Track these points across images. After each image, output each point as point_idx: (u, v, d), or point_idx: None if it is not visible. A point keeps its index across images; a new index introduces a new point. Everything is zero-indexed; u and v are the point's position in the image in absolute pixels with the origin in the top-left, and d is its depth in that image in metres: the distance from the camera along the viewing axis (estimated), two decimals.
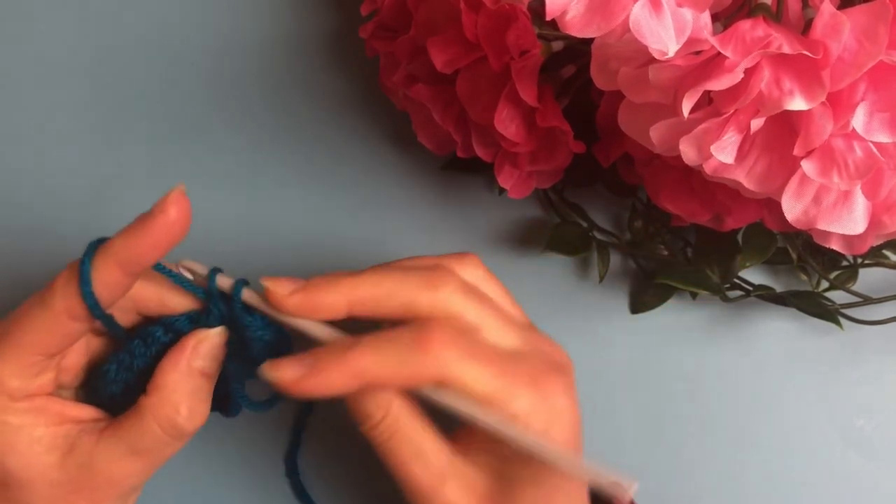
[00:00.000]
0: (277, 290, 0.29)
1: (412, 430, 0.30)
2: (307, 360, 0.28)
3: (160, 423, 0.30)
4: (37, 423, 0.29)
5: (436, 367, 0.28)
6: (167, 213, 0.28)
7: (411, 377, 0.28)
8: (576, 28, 0.28)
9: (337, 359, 0.28)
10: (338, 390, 0.28)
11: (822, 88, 0.27)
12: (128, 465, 0.30)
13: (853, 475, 0.40)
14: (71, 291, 0.28)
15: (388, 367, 0.28)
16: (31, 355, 0.29)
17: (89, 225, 0.43)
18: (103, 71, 0.45)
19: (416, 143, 0.40)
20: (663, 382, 0.41)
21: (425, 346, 0.28)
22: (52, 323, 0.29)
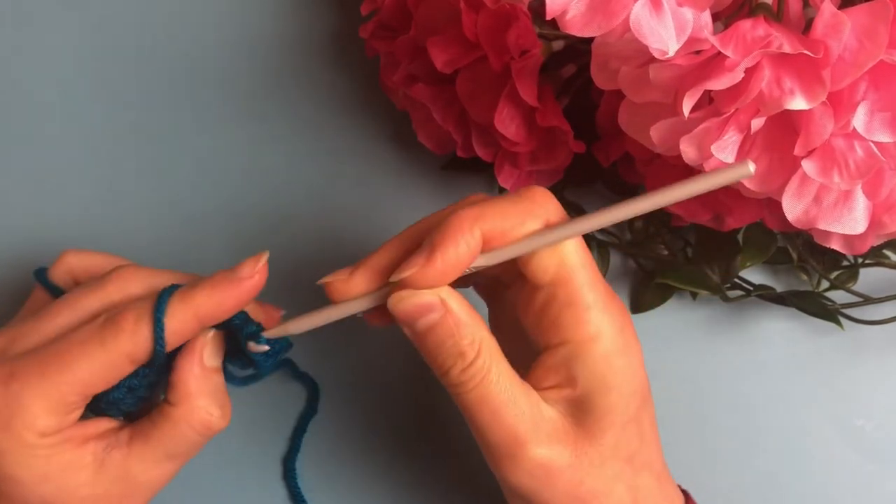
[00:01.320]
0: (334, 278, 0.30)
1: (503, 374, 0.28)
2: (422, 249, 0.28)
3: (195, 428, 0.30)
4: (65, 450, 0.29)
5: (541, 210, 0.29)
6: (254, 279, 0.30)
7: (523, 214, 0.28)
8: (576, 27, 0.28)
9: (454, 217, 0.28)
10: (465, 257, 0.28)
11: (822, 88, 0.27)
12: (164, 469, 0.31)
13: (853, 475, 0.40)
14: (141, 335, 0.29)
15: (500, 209, 0.28)
16: (75, 394, 0.29)
17: (90, 223, 0.43)
18: (104, 70, 0.45)
19: (416, 143, 0.40)
20: (663, 382, 0.41)
21: (530, 196, 0.29)
22: (109, 364, 0.29)
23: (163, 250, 0.42)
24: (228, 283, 0.30)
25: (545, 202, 0.29)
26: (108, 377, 0.29)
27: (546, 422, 0.29)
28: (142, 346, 0.29)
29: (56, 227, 0.43)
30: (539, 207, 0.29)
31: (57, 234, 0.43)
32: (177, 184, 0.43)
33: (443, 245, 0.28)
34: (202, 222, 0.43)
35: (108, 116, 0.44)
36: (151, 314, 0.29)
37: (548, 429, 0.29)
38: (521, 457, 0.28)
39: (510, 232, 0.28)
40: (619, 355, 0.29)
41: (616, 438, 0.29)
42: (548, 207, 0.29)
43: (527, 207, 0.29)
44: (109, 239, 0.42)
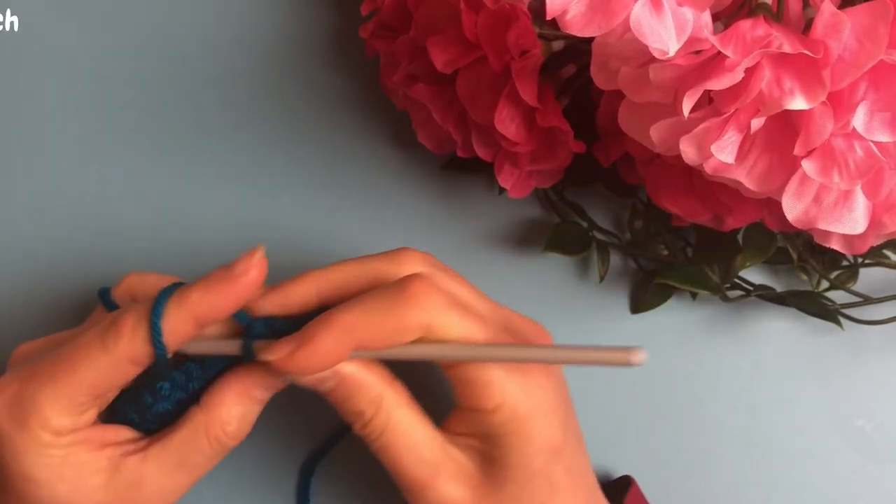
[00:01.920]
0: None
1: (405, 422, 0.30)
2: (295, 335, 0.29)
3: (211, 442, 0.30)
4: (81, 451, 0.30)
5: (421, 315, 0.28)
6: (249, 275, 0.29)
7: (398, 329, 0.28)
8: (576, 27, 0.28)
9: (323, 323, 0.28)
10: (331, 356, 0.28)
11: (822, 88, 0.27)
12: (177, 478, 0.31)
13: (853, 475, 0.40)
14: (139, 338, 0.29)
15: (374, 321, 0.28)
16: (82, 395, 0.29)
17: (91, 224, 0.43)
18: (104, 70, 0.45)
19: (416, 143, 0.40)
20: (663, 382, 0.41)
21: (409, 295, 0.28)
22: (112, 367, 0.29)
23: (161, 252, 0.42)
24: (223, 281, 0.29)
25: (426, 303, 0.28)
26: (114, 379, 0.30)
27: (451, 463, 0.30)
28: (141, 348, 0.29)
29: (56, 227, 0.43)
30: (420, 313, 0.28)
31: (57, 234, 0.43)
32: (175, 184, 0.43)
33: (309, 346, 0.28)
34: (200, 223, 0.43)
35: (106, 117, 0.44)
36: (147, 318, 0.29)
37: (451, 470, 0.30)
38: (424, 496, 0.30)
39: (385, 342, 0.29)
40: (522, 421, 0.29)
41: (518, 490, 0.30)
42: (429, 309, 0.28)
43: (403, 319, 0.28)
44: (105, 240, 0.43)
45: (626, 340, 0.42)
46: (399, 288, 0.29)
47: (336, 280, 0.30)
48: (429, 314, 0.28)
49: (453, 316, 0.29)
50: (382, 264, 0.31)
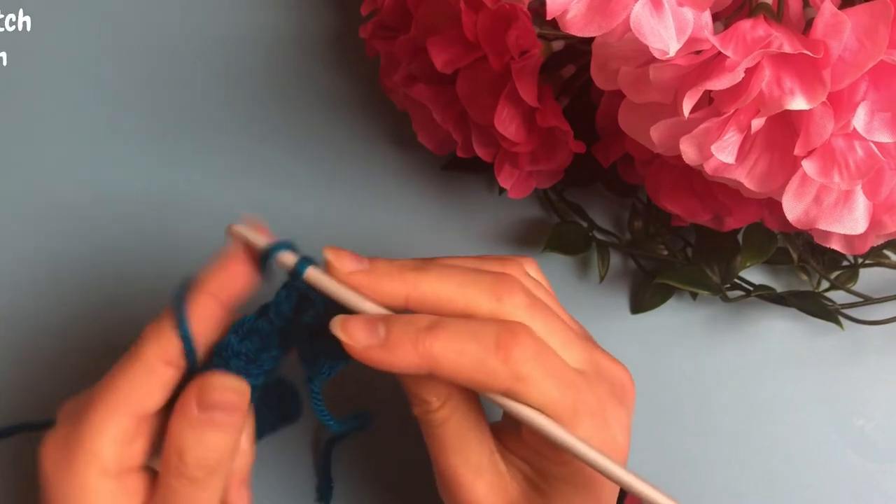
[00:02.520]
0: (339, 265, 0.28)
1: (465, 422, 0.29)
2: (381, 330, 0.27)
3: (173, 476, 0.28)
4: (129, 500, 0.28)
5: (511, 376, 0.27)
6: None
7: (484, 380, 0.27)
8: (576, 27, 0.28)
9: (413, 339, 0.27)
10: (405, 370, 0.27)
11: (822, 88, 0.27)
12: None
13: (853, 475, 0.40)
14: (163, 334, 0.28)
15: (463, 364, 0.27)
16: (125, 417, 0.28)
17: (92, 223, 0.43)
18: (105, 70, 0.45)
19: (416, 143, 0.40)
20: (663, 382, 0.41)
21: (507, 352, 0.27)
22: (147, 372, 0.28)
23: (163, 249, 0.42)
24: (234, 256, 0.29)
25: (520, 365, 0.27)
26: (152, 386, 0.28)
27: (495, 474, 0.30)
28: (168, 344, 0.28)
29: (55, 227, 0.43)
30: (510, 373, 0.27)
31: (56, 234, 0.43)
32: (175, 184, 0.43)
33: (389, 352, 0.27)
34: (200, 222, 0.43)
35: (108, 117, 0.44)
36: (171, 313, 0.28)
37: (493, 480, 0.30)
38: (456, 493, 0.30)
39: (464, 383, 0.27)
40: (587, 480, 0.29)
41: None
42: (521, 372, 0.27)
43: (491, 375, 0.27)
44: (108, 238, 0.42)
45: (626, 340, 0.42)
46: (500, 339, 0.27)
47: (430, 293, 0.28)
48: (518, 378, 0.27)
49: (542, 386, 0.27)
50: (482, 296, 0.28)
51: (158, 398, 0.29)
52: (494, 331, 0.27)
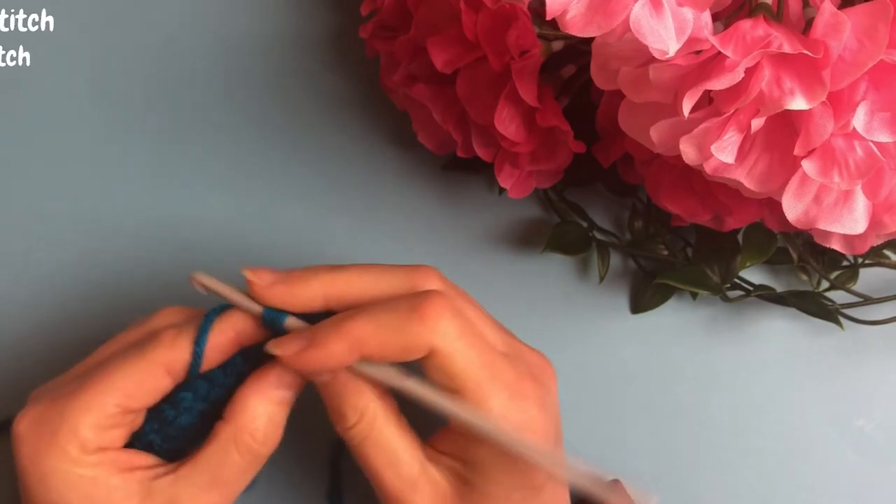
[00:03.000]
0: (258, 280, 0.30)
1: (387, 435, 0.30)
2: (306, 334, 0.29)
3: (240, 452, 0.30)
4: (110, 473, 0.29)
5: (430, 337, 0.28)
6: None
7: (406, 346, 0.28)
8: (576, 27, 0.28)
9: (335, 328, 0.28)
10: (337, 361, 0.28)
11: (822, 88, 0.27)
12: (210, 497, 0.30)
13: (853, 475, 0.40)
14: (179, 347, 0.29)
15: (384, 335, 0.28)
16: (114, 405, 0.29)
17: (92, 223, 0.43)
18: (105, 70, 0.45)
19: (416, 143, 0.40)
20: (663, 382, 0.41)
21: (422, 314, 0.28)
22: (147, 373, 0.29)
23: (161, 250, 0.42)
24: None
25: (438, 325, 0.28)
26: (147, 388, 0.29)
27: (428, 483, 0.30)
28: (179, 356, 0.29)
29: (55, 227, 0.43)
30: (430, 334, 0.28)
31: (56, 233, 0.43)
32: (175, 185, 0.43)
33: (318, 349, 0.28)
34: (200, 222, 0.43)
35: (107, 117, 0.44)
36: (193, 329, 0.29)
37: (428, 490, 0.30)
38: None
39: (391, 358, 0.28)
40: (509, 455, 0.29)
41: None
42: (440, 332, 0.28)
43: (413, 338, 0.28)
44: (105, 239, 0.43)
45: (626, 340, 0.42)
46: (413, 305, 0.28)
47: (348, 289, 0.30)
48: (438, 337, 0.28)
49: (461, 343, 0.28)
50: (399, 283, 0.30)
51: (147, 399, 0.30)
52: (408, 299, 0.28)
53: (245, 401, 0.30)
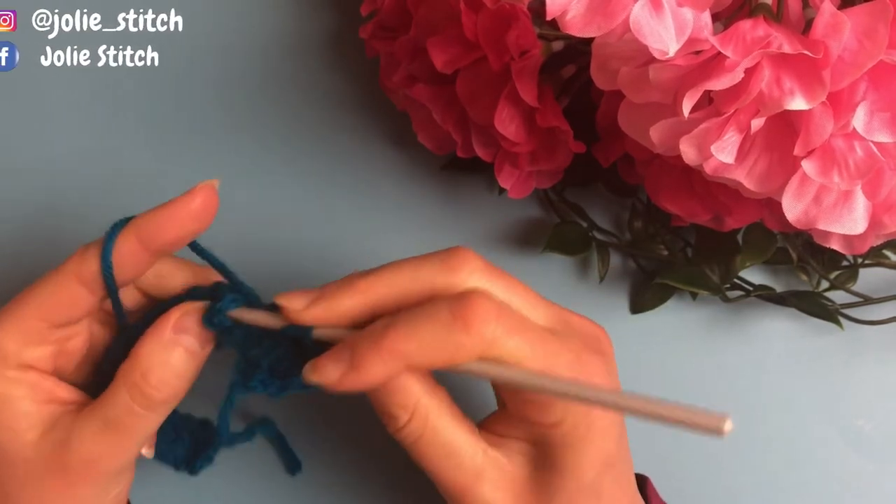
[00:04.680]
0: (292, 305, 0.28)
1: (442, 428, 0.28)
2: (345, 355, 0.27)
3: (130, 392, 0.29)
4: (25, 397, 0.29)
5: (478, 344, 0.26)
6: (192, 199, 0.29)
7: (453, 356, 0.26)
8: (576, 28, 0.28)
9: (375, 347, 0.27)
10: (382, 381, 0.27)
11: (822, 88, 0.27)
12: (101, 440, 0.29)
13: (853, 475, 0.40)
14: (87, 255, 0.29)
15: (428, 348, 0.26)
16: (32, 319, 0.29)
17: (91, 226, 0.43)
18: (105, 70, 0.45)
19: (416, 143, 0.40)
20: (663, 382, 0.41)
21: (466, 322, 0.26)
22: (60, 286, 0.29)
23: None
24: (171, 204, 0.29)
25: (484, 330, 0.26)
26: (63, 300, 0.29)
27: (494, 469, 0.29)
28: (87, 265, 0.29)
29: (55, 226, 0.43)
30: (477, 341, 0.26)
31: (56, 234, 0.43)
32: (174, 184, 0.43)
33: (360, 372, 0.27)
34: None
35: (106, 117, 0.44)
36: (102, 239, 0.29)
37: (494, 475, 0.29)
38: (463, 500, 0.29)
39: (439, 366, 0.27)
40: (582, 435, 0.28)
41: (566, 500, 0.29)
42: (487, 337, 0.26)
43: (459, 348, 0.26)
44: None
45: (626, 340, 0.42)
46: (455, 311, 0.26)
47: (386, 292, 0.28)
48: (486, 341, 0.26)
49: (512, 340, 0.27)
50: (436, 272, 0.28)
51: (67, 312, 0.29)
52: (447, 305, 0.27)
53: (140, 343, 0.29)
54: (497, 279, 0.29)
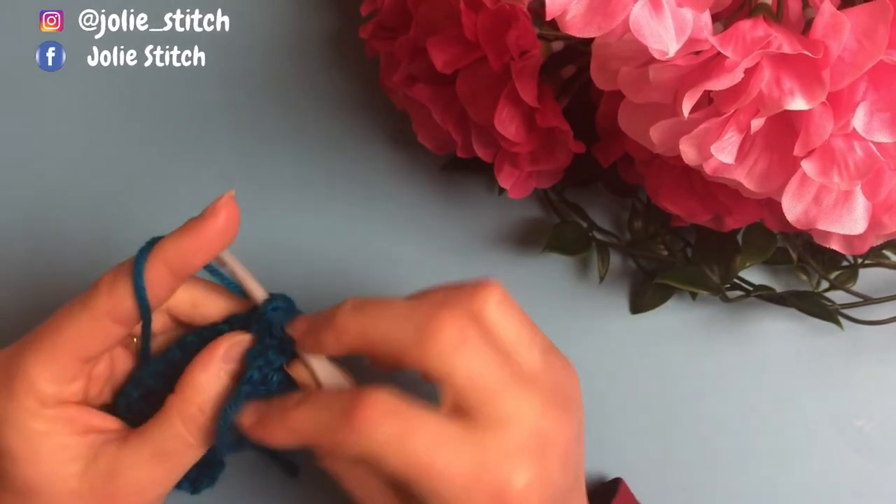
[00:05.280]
0: (293, 333, 0.30)
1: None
2: (262, 409, 0.29)
3: (185, 423, 0.29)
4: (63, 432, 0.29)
5: (358, 444, 0.26)
6: (217, 218, 0.29)
7: (338, 447, 0.27)
8: (576, 28, 0.28)
9: (280, 414, 0.28)
10: (281, 444, 0.28)
11: (822, 88, 0.27)
12: (152, 470, 0.29)
13: (853, 475, 0.40)
14: (118, 291, 0.28)
15: (318, 433, 0.27)
16: (67, 359, 0.29)
17: (96, 227, 0.43)
18: (106, 70, 0.45)
19: (416, 143, 0.40)
20: (663, 382, 0.41)
21: (352, 420, 0.26)
22: (93, 324, 0.29)
23: None
24: (194, 226, 0.29)
25: (366, 431, 0.26)
26: (96, 339, 0.29)
27: None
28: (120, 302, 0.28)
29: (56, 227, 0.43)
30: (357, 438, 0.26)
31: (66, 237, 0.43)
32: (174, 185, 0.43)
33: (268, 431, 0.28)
34: None
35: (105, 117, 0.44)
36: (129, 269, 0.28)
37: None
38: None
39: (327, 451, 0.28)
40: None
41: None
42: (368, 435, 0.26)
43: (340, 441, 0.27)
44: (105, 240, 0.42)
45: (626, 340, 0.42)
46: (349, 407, 0.26)
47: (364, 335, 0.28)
48: (364, 446, 0.26)
49: (390, 453, 0.26)
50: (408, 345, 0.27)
51: (100, 348, 0.29)
52: (347, 398, 0.27)
53: (192, 372, 0.30)
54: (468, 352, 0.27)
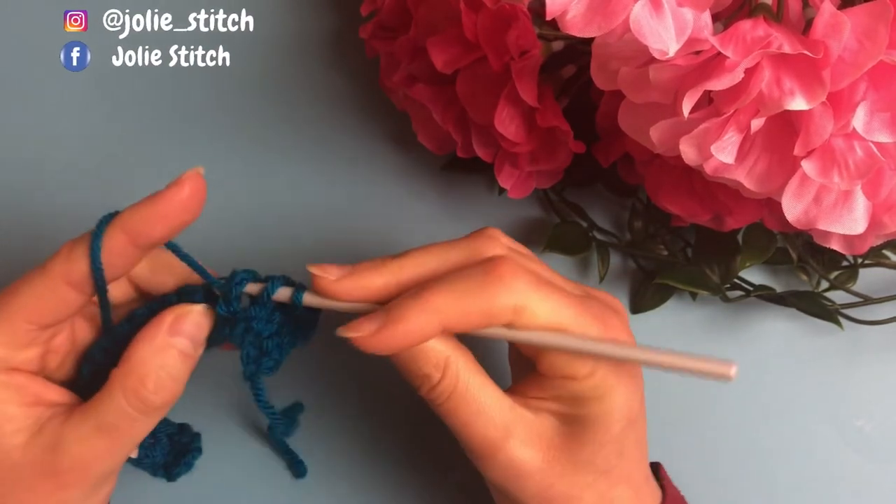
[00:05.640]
0: (324, 275, 0.29)
1: (471, 385, 0.29)
2: (381, 314, 0.28)
3: (126, 395, 0.29)
4: (10, 400, 0.29)
5: (511, 297, 0.28)
6: (181, 189, 0.28)
7: (488, 312, 0.27)
8: (576, 28, 0.28)
9: (414, 302, 0.27)
10: (419, 337, 0.28)
11: (822, 88, 0.27)
12: (95, 444, 0.29)
13: (853, 475, 0.40)
14: (75, 255, 0.28)
15: (464, 303, 0.27)
16: (21, 322, 0.28)
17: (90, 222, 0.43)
18: (105, 70, 0.45)
19: (416, 143, 0.40)
20: (663, 382, 0.41)
21: (497, 276, 0.28)
22: (49, 289, 0.28)
23: None
24: (156, 194, 0.28)
25: (514, 284, 0.28)
26: (50, 303, 0.28)
27: (522, 425, 0.30)
28: (75, 266, 0.28)
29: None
30: (509, 294, 0.28)
31: (56, 234, 0.43)
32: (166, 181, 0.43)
33: (397, 326, 0.27)
34: (199, 222, 0.43)
35: (106, 118, 0.44)
36: (88, 237, 0.28)
37: (523, 432, 0.30)
38: (493, 458, 0.30)
39: (474, 325, 0.28)
40: (611, 388, 0.29)
41: (592, 454, 0.30)
42: (517, 290, 0.28)
43: (493, 301, 0.28)
44: None
45: None
46: (486, 270, 0.28)
47: (418, 270, 0.29)
48: (518, 295, 0.28)
49: (542, 295, 0.28)
50: (463, 250, 0.29)
51: (55, 314, 0.29)
52: (481, 265, 0.28)
53: (135, 345, 0.29)
54: (521, 259, 0.30)
